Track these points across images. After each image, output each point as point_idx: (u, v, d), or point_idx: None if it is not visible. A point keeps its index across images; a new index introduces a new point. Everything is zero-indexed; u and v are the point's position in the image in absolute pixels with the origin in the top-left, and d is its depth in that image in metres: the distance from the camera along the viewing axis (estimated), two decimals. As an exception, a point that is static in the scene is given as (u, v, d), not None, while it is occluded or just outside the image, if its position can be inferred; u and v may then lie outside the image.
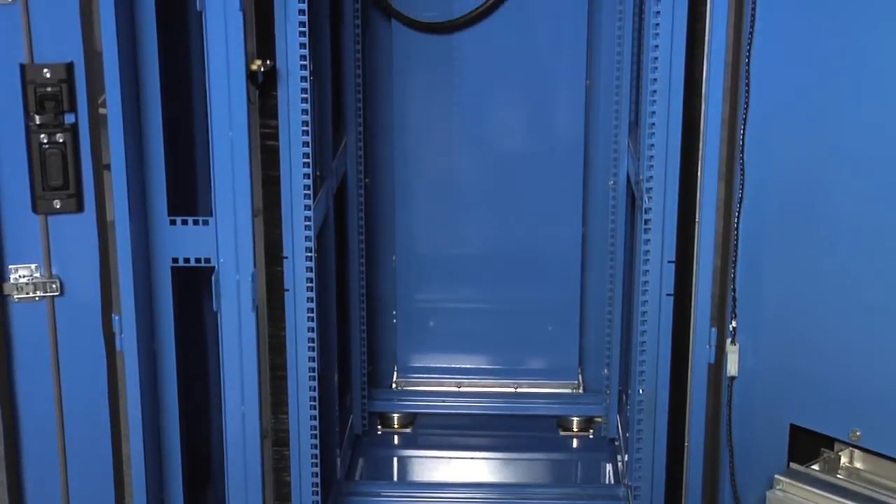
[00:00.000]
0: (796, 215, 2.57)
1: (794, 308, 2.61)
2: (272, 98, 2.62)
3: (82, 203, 2.52)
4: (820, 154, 2.50)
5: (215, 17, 2.42)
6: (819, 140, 2.50)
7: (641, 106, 2.87)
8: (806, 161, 2.53)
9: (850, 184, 2.45)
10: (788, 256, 2.60)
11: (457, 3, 3.36)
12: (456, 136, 3.53)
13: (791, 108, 2.55)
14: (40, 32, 2.43)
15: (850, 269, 2.48)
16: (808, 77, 2.50)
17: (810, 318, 2.57)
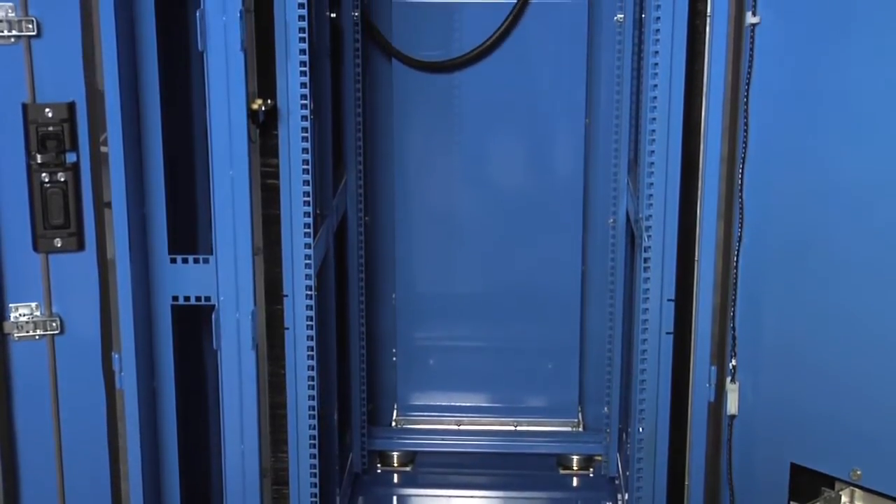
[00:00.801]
0: (795, 253, 2.57)
1: (793, 346, 2.61)
2: (273, 137, 2.63)
3: (83, 241, 2.52)
4: (819, 192, 2.51)
5: (217, 57, 2.43)
6: (818, 178, 2.51)
7: (640, 145, 2.88)
8: (805, 199, 2.54)
9: (850, 222, 2.46)
10: (788, 294, 2.60)
11: (456, 43, 3.38)
12: (456, 174, 3.54)
13: (789, 147, 2.56)
14: (43, 72, 2.44)
15: (849, 307, 2.48)
16: (806, 115, 2.51)
17: (810, 357, 2.57)
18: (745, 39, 2.58)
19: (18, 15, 2.41)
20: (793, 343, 2.61)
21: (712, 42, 2.60)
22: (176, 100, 2.71)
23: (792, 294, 2.59)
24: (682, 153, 2.71)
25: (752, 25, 2.56)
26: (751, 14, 2.56)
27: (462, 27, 3.35)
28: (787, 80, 2.54)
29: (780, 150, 2.58)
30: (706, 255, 2.69)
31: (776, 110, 2.57)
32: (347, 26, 3.28)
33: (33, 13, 2.41)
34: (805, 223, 2.55)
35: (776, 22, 2.54)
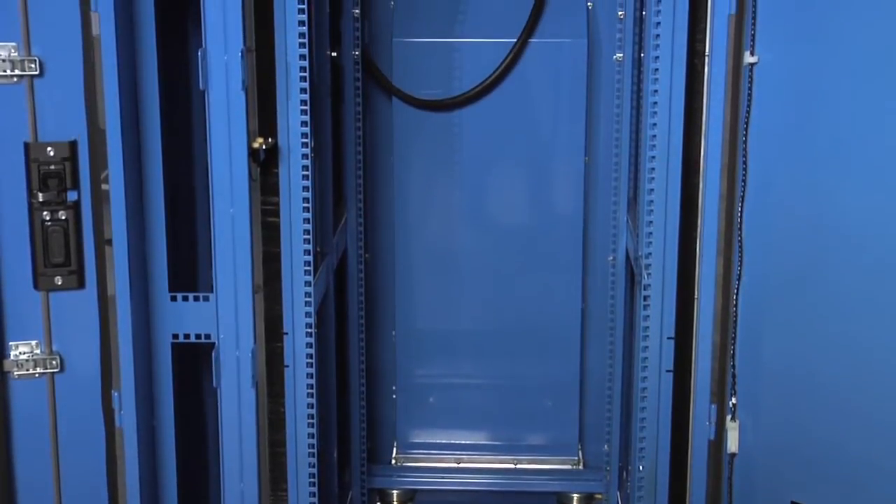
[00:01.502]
0: (795, 290, 2.58)
1: (794, 384, 2.60)
2: (273, 175, 2.63)
3: (83, 279, 2.53)
4: (818, 229, 2.51)
5: (218, 96, 2.45)
6: (817, 215, 2.51)
7: (640, 183, 2.89)
8: (804, 236, 2.54)
9: (849, 259, 2.46)
10: (788, 332, 2.60)
11: (457, 81, 3.39)
12: (456, 211, 3.55)
13: (788, 184, 2.57)
14: (45, 111, 2.45)
15: (850, 344, 2.48)
16: (804, 153, 2.52)
17: (811, 394, 2.57)
18: (744, 79, 2.59)
19: (21, 54, 2.42)
20: (793, 381, 2.61)
21: (711, 81, 2.61)
22: (177, 138, 2.72)
23: (792, 331, 2.59)
24: (682, 191, 2.71)
25: (751, 65, 2.57)
26: (749, 54, 2.57)
27: (462, 66, 3.37)
28: (785, 119, 2.55)
29: (778, 188, 2.59)
30: (706, 293, 2.70)
31: (775, 148, 2.58)
32: (348, 65, 3.30)
33: (36, 53, 2.43)
34: (805, 260, 2.55)
35: (774, 62, 2.55)
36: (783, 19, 2.53)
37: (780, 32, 2.54)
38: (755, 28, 2.57)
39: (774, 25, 2.55)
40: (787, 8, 2.52)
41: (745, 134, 2.62)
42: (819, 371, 2.55)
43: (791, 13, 2.51)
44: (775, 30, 2.55)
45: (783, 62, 2.54)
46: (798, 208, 2.55)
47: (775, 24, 2.54)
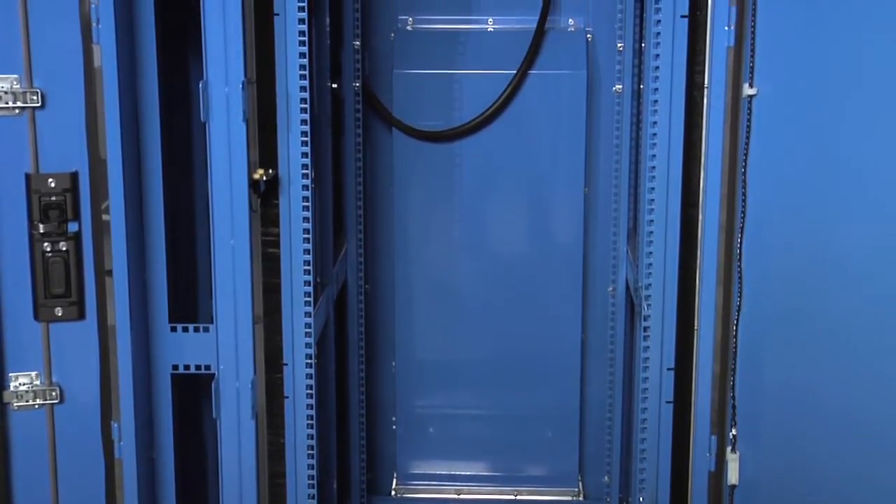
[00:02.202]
0: (795, 321, 2.58)
1: (794, 415, 2.60)
2: (274, 206, 2.64)
3: (84, 310, 2.53)
4: (818, 260, 2.51)
5: (219, 128, 2.46)
6: (816, 246, 2.51)
7: (639, 214, 2.90)
8: (804, 267, 2.55)
9: (849, 290, 2.46)
10: (788, 363, 2.60)
11: (457, 112, 3.40)
12: (456, 242, 3.55)
13: (788, 216, 2.57)
14: (46, 142, 2.46)
15: (850, 376, 2.48)
16: (803, 185, 2.52)
17: (812, 426, 2.56)
18: (743, 110, 2.61)
19: (23, 86, 2.43)
20: (794, 412, 2.60)
21: (710, 113, 2.62)
22: (177, 168, 2.73)
23: (792, 362, 2.59)
24: (681, 222, 2.72)
25: (750, 97, 2.59)
26: (748, 86, 2.59)
27: (462, 97, 3.38)
28: (784, 151, 2.56)
29: (778, 219, 2.59)
30: (706, 324, 2.70)
31: (774, 180, 2.59)
32: (348, 96, 3.31)
33: (38, 84, 2.44)
34: (804, 291, 2.55)
35: (773, 93, 2.56)
36: (781, 51, 2.54)
37: (779, 64, 2.55)
38: (754, 60, 2.58)
39: (773, 57, 2.56)
40: (786, 40, 2.53)
41: (745, 165, 2.62)
42: (819, 402, 2.55)
43: (789, 45, 2.52)
44: (774, 62, 2.56)
45: (782, 94, 2.55)
46: (797, 239, 2.56)
47: (774, 56, 2.56)
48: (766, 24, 2.56)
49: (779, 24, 2.54)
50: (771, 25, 2.56)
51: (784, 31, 2.54)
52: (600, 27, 3.37)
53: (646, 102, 2.77)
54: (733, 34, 2.59)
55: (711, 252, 2.68)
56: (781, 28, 2.54)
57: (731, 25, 2.59)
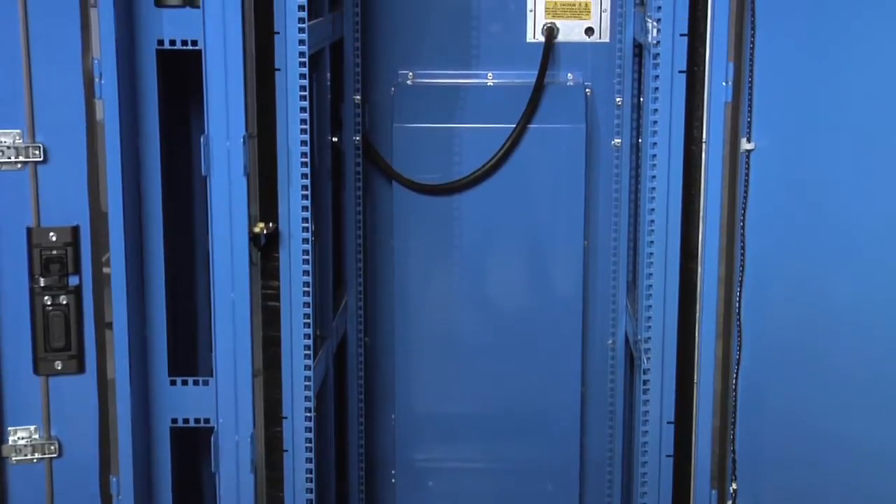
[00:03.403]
0: (795, 374, 2.58)
1: (795, 469, 2.59)
2: (274, 259, 2.64)
3: (83, 364, 2.53)
4: (817, 313, 2.52)
5: (220, 182, 2.47)
6: (816, 299, 2.52)
7: (639, 267, 2.90)
8: (803, 320, 2.55)
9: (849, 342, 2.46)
10: (788, 417, 2.59)
11: (456, 166, 3.41)
12: (456, 295, 3.55)
13: (787, 269, 2.58)
14: (48, 197, 2.48)
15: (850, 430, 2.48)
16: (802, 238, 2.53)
17: (812, 480, 2.56)
18: (741, 165, 2.62)
19: (26, 141, 2.45)
20: (794, 466, 2.60)
21: (708, 168, 2.64)
22: (178, 222, 2.74)
23: (792, 416, 2.59)
24: (680, 276, 2.72)
25: (748, 151, 2.60)
26: (745, 141, 2.60)
27: (462, 151, 3.40)
28: (782, 205, 2.57)
29: (777, 273, 2.60)
30: (705, 377, 2.70)
31: (773, 233, 2.60)
32: (349, 149, 3.32)
33: (40, 139, 2.46)
34: (804, 344, 2.56)
35: (771, 148, 2.58)
36: (779, 107, 2.56)
37: (776, 120, 2.57)
38: (751, 115, 2.60)
39: (770, 113, 2.58)
40: (783, 95, 2.55)
41: (743, 219, 2.64)
42: (821, 456, 2.54)
43: (786, 101, 2.54)
44: (771, 117, 2.58)
45: (780, 149, 2.57)
46: (796, 292, 2.56)
47: (771, 111, 2.58)
48: (763, 80, 2.58)
49: (776, 79, 2.56)
50: (768, 81, 2.58)
51: (781, 87, 2.56)
52: (599, 82, 3.39)
53: (644, 156, 2.78)
54: (731, 90, 2.61)
55: (711, 305, 2.69)
56: (778, 84, 2.56)
57: (729, 81, 2.61)
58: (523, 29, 3.39)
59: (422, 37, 3.41)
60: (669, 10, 2.62)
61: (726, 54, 2.61)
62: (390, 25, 3.40)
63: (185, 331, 2.76)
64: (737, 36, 2.60)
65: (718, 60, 2.61)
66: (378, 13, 3.38)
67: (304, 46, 2.54)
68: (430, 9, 3.39)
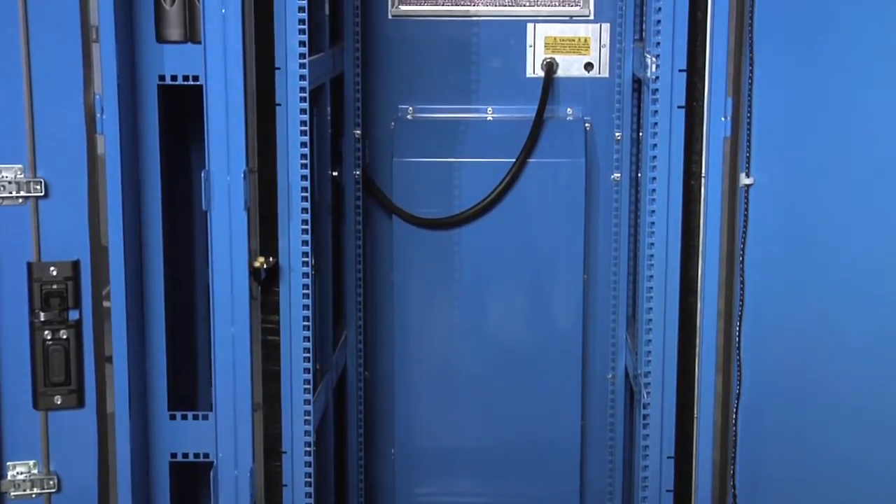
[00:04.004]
0: (795, 408, 2.57)
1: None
2: (274, 293, 2.65)
3: (83, 399, 2.53)
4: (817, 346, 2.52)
5: (220, 216, 2.48)
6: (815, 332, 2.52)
7: (638, 301, 2.91)
8: (803, 353, 2.55)
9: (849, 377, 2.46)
10: (788, 451, 2.59)
11: (456, 200, 3.42)
12: (456, 329, 3.55)
13: (786, 302, 2.58)
14: (49, 231, 2.48)
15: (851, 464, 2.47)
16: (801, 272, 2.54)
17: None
18: (740, 199, 2.63)
19: (27, 176, 2.46)
20: (795, 500, 2.59)
21: (707, 202, 2.65)
22: (178, 255, 2.74)
23: (792, 450, 2.58)
24: (680, 310, 2.73)
25: (747, 186, 2.61)
26: (744, 175, 2.61)
27: (461, 185, 3.40)
28: (781, 239, 2.58)
29: (776, 307, 2.60)
30: (705, 412, 2.70)
31: (772, 267, 2.60)
32: (349, 184, 3.34)
33: (42, 174, 2.46)
34: (804, 378, 2.55)
35: (770, 183, 2.59)
36: (778, 142, 2.57)
37: (776, 155, 2.58)
38: (750, 150, 2.61)
39: (769, 148, 2.59)
40: (782, 131, 2.56)
41: (743, 253, 2.64)
42: (820, 490, 2.53)
43: (785, 136, 2.55)
44: (770, 152, 2.59)
45: (778, 183, 2.58)
46: (796, 326, 2.56)
47: (770, 146, 2.59)
48: (762, 115, 2.59)
49: (774, 115, 2.58)
50: (767, 116, 2.59)
51: (780, 122, 2.57)
52: (598, 116, 3.41)
53: (644, 191, 2.79)
54: (730, 125, 2.62)
55: (710, 339, 2.69)
56: (777, 119, 2.57)
57: (728, 116, 2.62)
58: (523, 64, 3.41)
59: (422, 72, 3.42)
60: (668, 45, 2.64)
61: (725, 90, 2.62)
62: (390, 60, 3.41)
63: (184, 365, 2.76)
64: (735, 71, 2.62)
65: (717, 96, 2.62)
66: (378, 48, 3.40)
67: (304, 82, 2.56)
68: (431, 44, 3.41)
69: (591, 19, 3.39)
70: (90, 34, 2.44)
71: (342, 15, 3.24)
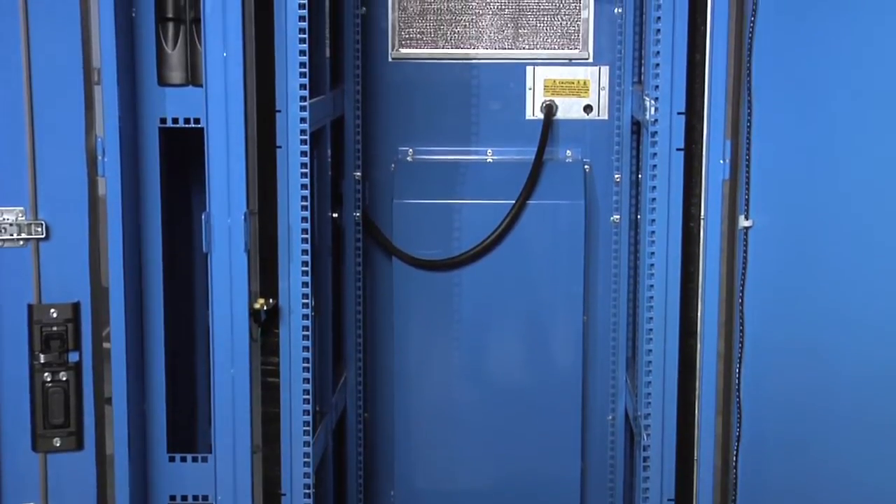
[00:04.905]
0: (795, 451, 2.57)
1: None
2: (274, 335, 2.65)
3: (82, 441, 2.53)
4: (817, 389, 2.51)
5: (221, 258, 2.48)
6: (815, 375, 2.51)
7: (638, 343, 2.91)
8: (803, 395, 2.54)
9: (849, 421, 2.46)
10: (789, 494, 2.58)
11: (456, 242, 3.43)
12: (456, 370, 3.55)
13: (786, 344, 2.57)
14: (49, 273, 2.48)
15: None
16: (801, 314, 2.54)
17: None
18: (739, 241, 2.63)
19: (28, 218, 2.46)
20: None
21: (706, 244, 2.65)
22: (178, 297, 2.75)
23: (793, 493, 2.57)
24: (680, 351, 2.73)
25: (746, 228, 2.62)
26: (743, 217, 2.62)
27: (461, 227, 3.41)
28: (781, 281, 2.58)
29: (776, 349, 2.60)
30: (705, 455, 2.69)
31: (771, 310, 2.60)
32: (349, 225, 3.35)
33: (43, 216, 2.47)
34: (804, 421, 2.55)
35: (769, 225, 2.59)
36: (777, 184, 2.58)
37: (774, 197, 2.59)
38: (749, 193, 2.62)
39: (768, 190, 2.60)
40: (781, 173, 2.57)
41: (742, 295, 2.64)
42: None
43: (784, 178, 2.56)
44: (769, 194, 2.59)
45: (777, 225, 2.58)
46: (796, 368, 2.56)
47: (769, 188, 2.59)
48: (760, 158, 2.60)
49: (773, 157, 2.58)
50: (765, 159, 2.60)
51: (779, 165, 2.58)
52: (598, 158, 3.42)
53: (643, 233, 2.80)
54: (728, 167, 2.64)
55: (710, 381, 2.69)
56: (776, 161, 2.58)
57: (727, 159, 2.63)
58: (523, 106, 3.43)
59: (422, 114, 3.44)
60: (667, 88, 2.65)
61: (723, 132, 2.63)
62: (391, 102, 3.43)
63: (184, 406, 2.76)
64: (734, 114, 2.63)
65: (716, 138, 2.64)
66: (379, 90, 3.42)
67: (305, 124, 2.57)
68: (431, 86, 3.43)
69: (590, 62, 3.41)
70: (92, 77, 2.46)
71: (343, 57, 3.26)
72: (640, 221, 2.99)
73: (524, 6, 3.39)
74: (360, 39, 3.33)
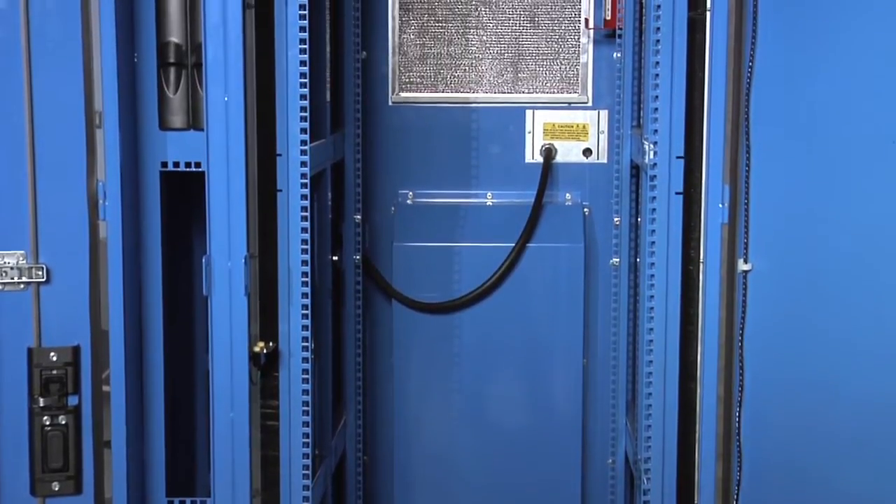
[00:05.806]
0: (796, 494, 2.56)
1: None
2: (274, 378, 2.65)
3: (81, 485, 2.52)
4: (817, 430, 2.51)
5: (221, 302, 2.48)
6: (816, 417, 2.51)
7: (638, 386, 2.91)
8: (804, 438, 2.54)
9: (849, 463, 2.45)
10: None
11: (456, 284, 3.43)
12: (455, 413, 3.55)
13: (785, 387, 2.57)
14: (49, 317, 2.49)
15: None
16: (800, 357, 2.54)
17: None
18: (738, 285, 2.64)
19: (29, 262, 2.47)
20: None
21: (706, 288, 2.66)
22: (178, 339, 2.75)
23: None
24: (680, 395, 2.73)
25: (745, 272, 2.62)
26: (742, 261, 2.63)
27: (461, 269, 3.42)
28: (780, 324, 2.58)
29: (776, 392, 2.60)
30: (706, 499, 2.69)
31: (771, 353, 2.60)
32: (349, 268, 3.35)
33: (43, 260, 2.48)
34: (804, 465, 2.54)
35: (768, 269, 2.60)
36: (775, 228, 2.58)
37: (773, 241, 2.59)
38: (748, 236, 2.62)
39: (766, 234, 2.60)
40: (779, 217, 2.58)
41: (741, 339, 2.64)
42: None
43: (783, 222, 2.57)
44: (768, 238, 2.60)
45: (776, 269, 2.58)
46: (796, 412, 2.56)
47: (768, 232, 2.60)
48: (759, 202, 2.61)
49: (772, 201, 2.59)
50: (764, 203, 2.61)
51: (777, 208, 2.58)
52: (597, 202, 3.43)
53: (643, 276, 2.81)
54: (727, 211, 2.64)
55: (710, 425, 2.68)
56: (774, 205, 2.59)
57: (725, 203, 2.64)
58: (522, 150, 3.45)
59: (422, 157, 3.46)
60: (666, 132, 2.67)
61: (722, 176, 2.64)
62: (391, 146, 3.45)
63: (183, 450, 2.75)
64: (732, 158, 2.64)
65: (714, 182, 2.65)
66: (379, 134, 3.43)
67: (305, 168, 2.58)
68: (431, 130, 3.44)
69: (589, 106, 3.43)
70: (94, 120, 2.47)
71: (343, 101, 3.27)
72: (640, 264, 2.99)
73: (524, 50, 3.41)
74: (360, 83, 3.35)
